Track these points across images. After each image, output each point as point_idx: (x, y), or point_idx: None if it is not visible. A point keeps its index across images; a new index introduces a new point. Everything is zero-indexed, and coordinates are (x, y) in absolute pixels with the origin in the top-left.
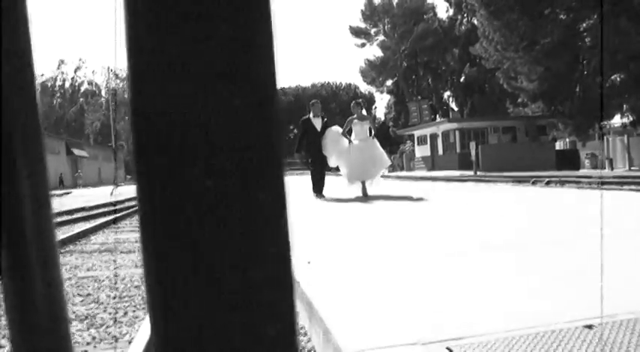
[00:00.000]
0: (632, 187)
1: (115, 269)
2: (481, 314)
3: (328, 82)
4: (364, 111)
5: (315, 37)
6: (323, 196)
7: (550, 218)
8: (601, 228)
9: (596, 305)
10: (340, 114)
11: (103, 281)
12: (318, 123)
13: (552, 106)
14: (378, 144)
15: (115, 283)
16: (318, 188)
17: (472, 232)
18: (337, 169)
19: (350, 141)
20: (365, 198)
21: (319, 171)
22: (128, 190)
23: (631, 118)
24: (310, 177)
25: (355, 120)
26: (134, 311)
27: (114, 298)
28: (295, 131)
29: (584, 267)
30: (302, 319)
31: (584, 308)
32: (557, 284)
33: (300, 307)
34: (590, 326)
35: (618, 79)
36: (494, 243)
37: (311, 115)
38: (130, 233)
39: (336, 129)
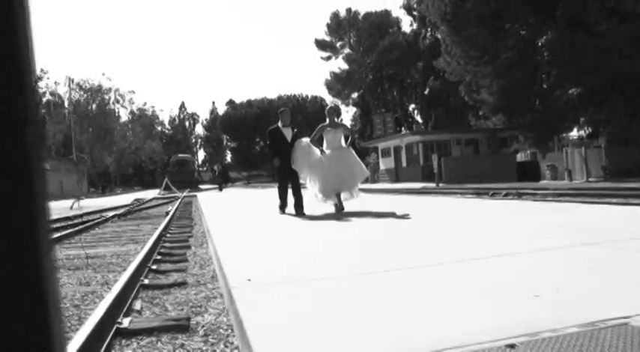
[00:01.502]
0: (586, 199)
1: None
2: (420, 327)
3: (294, 94)
4: (337, 119)
5: (282, 50)
6: (303, 214)
7: (493, 232)
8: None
9: (518, 323)
10: (307, 127)
11: None
12: (287, 133)
13: (513, 119)
14: (354, 153)
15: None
16: (285, 203)
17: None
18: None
19: (322, 152)
20: (340, 213)
21: (292, 184)
22: (90, 203)
23: (588, 131)
24: (277, 191)
25: (328, 128)
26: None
27: None
28: (262, 143)
29: (504, 283)
30: (237, 338)
31: (506, 327)
32: (476, 302)
33: (235, 324)
34: (512, 346)
35: (575, 92)
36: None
37: (280, 124)
38: (81, 249)
39: (306, 141)
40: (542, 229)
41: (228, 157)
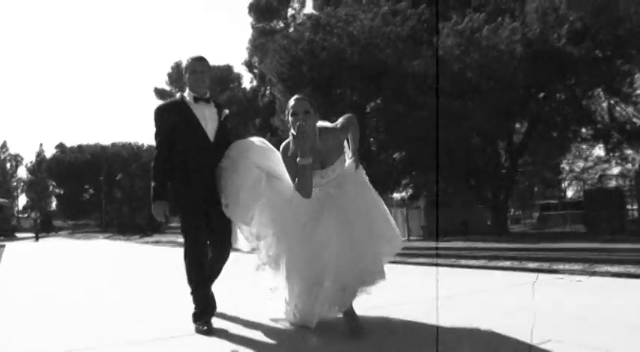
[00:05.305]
0: (397, 258)
1: None
2: None
3: (129, 143)
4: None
5: (118, 97)
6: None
7: None
8: None
9: None
10: (141, 176)
11: None
12: (206, 116)
13: None
14: (369, 183)
15: None
16: (206, 298)
17: None
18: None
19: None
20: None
21: (213, 246)
22: None
23: (410, 192)
24: (185, 264)
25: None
26: None
27: None
28: (91, 191)
29: None
30: None
31: None
32: None
33: None
34: None
35: (399, 156)
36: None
37: (186, 96)
38: None
39: (260, 142)
40: None
41: (54, 204)
